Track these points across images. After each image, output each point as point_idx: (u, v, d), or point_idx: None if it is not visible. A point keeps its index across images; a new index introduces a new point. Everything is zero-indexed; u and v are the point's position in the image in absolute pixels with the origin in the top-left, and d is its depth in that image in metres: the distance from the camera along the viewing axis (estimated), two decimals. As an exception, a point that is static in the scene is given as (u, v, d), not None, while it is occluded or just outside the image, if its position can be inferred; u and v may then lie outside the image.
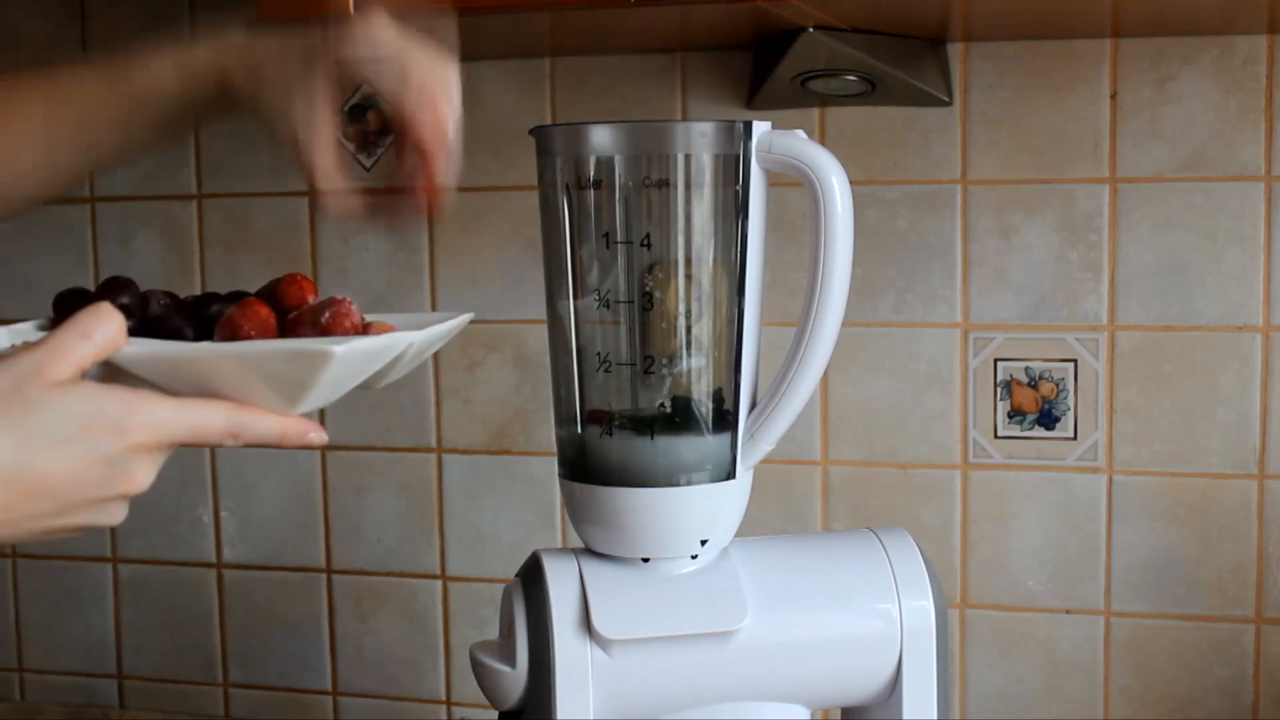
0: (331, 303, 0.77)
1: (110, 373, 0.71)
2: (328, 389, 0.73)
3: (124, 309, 0.77)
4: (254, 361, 0.71)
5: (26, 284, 1.44)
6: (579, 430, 0.89)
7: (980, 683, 1.26)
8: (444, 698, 1.39)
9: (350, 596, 1.40)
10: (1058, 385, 1.22)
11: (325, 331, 0.76)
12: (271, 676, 1.43)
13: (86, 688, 1.49)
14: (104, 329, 0.69)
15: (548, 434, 1.31)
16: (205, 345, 0.74)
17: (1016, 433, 1.23)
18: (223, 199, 1.39)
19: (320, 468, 1.39)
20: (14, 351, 0.68)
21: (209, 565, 1.44)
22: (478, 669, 0.90)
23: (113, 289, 0.78)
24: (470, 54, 1.30)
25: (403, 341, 0.76)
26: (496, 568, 1.35)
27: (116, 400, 0.68)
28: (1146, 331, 1.20)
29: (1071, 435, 1.22)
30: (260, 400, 0.71)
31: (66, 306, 0.79)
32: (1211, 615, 1.21)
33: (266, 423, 0.72)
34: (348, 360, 0.71)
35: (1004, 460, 1.24)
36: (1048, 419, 1.22)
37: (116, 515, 0.71)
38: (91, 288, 0.85)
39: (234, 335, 0.75)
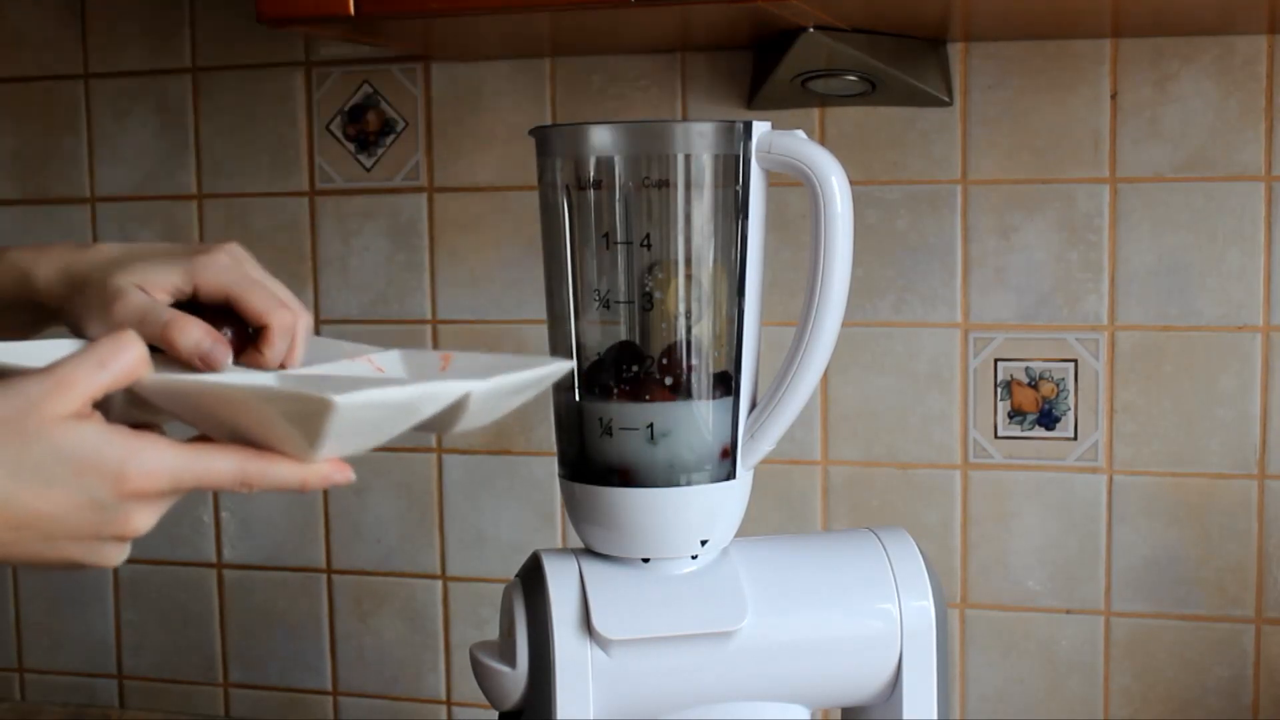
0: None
1: (135, 401, 0.69)
2: (352, 436, 0.67)
3: None
4: (269, 397, 0.67)
5: (26, 284, 1.44)
6: (579, 430, 0.89)
7: (980, 683, 1.26)
8: (444, 698, 1.39)
9: (350, 596, 1.40)
10: (1058, 385, 1.22)
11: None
12: (271, 676, 1.43)
13: (86, 688, 1.49)
14: (122, 359, 0.67)
15: (548, 434, 1.31)
16: (223, 379, 0.71)
17: (1016, 433, 1.23)
18: (223, 199, 1.39)
19: (320, 468, 1.39)
20: (27, 375, 0.66)
21: (209, 565, 1.44)
22: (478, 669, 0.90)
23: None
24: (470, 54, 1.31)
25: (447, 392, 0.68)
26: (496, 568, 1.35)
27: (117, 445, 0.66)
28: (1147, 331, 1.20)
29: (1071, 435, 1.22)
30: (281, 438, 0.67)
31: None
32: (1211, 615, 1.21)
33: (283, 470, 0.68)
34: (353, 410, 0.64)
35: (1004, 460, 1.24)
36: (1048, 419, 1.22)
37: (113, 557, 0.68)
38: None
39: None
